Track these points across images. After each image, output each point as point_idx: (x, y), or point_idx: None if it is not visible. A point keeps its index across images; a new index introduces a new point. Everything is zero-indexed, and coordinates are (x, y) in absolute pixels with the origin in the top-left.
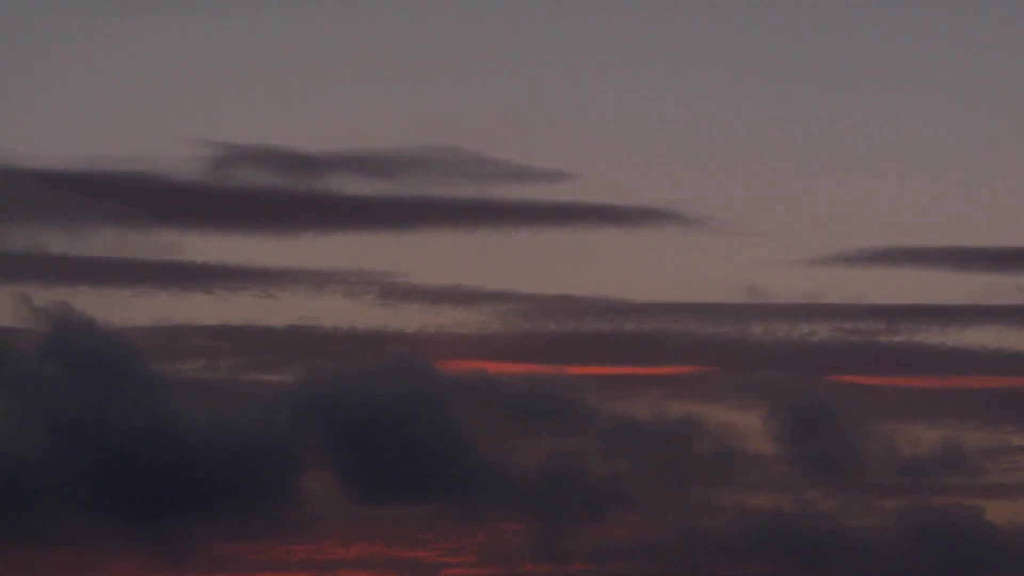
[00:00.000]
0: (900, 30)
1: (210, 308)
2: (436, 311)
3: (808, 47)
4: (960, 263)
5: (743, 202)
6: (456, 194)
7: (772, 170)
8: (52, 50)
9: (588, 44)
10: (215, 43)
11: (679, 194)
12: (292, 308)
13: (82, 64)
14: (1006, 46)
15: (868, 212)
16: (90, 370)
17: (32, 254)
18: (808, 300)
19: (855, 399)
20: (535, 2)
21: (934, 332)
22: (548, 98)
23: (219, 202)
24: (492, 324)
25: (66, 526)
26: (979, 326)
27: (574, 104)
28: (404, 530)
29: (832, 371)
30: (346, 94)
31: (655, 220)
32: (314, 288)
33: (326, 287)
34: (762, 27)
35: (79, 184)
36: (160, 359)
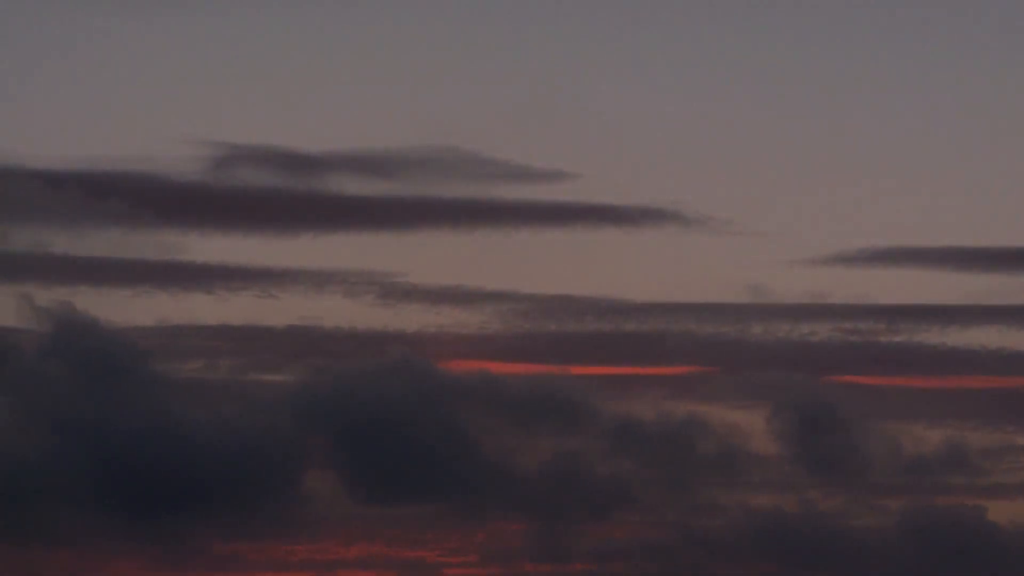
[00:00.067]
0: (900, 30)
1: (210, 308)
2: (436, 311)
3: (808, 47)
4: (960, 263)
5: (743, 202)
6: (456, 194)
7: (772, 170)
8: (53, 50)
9: (588, 44)
10: (215, 43)
11: (679, 194)
12: (292, 308)
13: (83, 64)
14: (1006, 46)
15: (868, 212)
16: (92, 370)
17: (34, 254)
18: (808, 300)
19: (855, 399)
20: (535, 2)
21: (934, 332)
22: (548, 98)
23: (219, 202)
24: (492, 324)
25: (66, 526)
26: (979, 326)
27: (574, 104)
28: (404, 530)
29: (832, 371)
30: (346, 94)
31: (655, 220)
32: (314, 288)
33: (326, 287)
34: (762, 27)
35: (80, 184)
36: (161, 359)
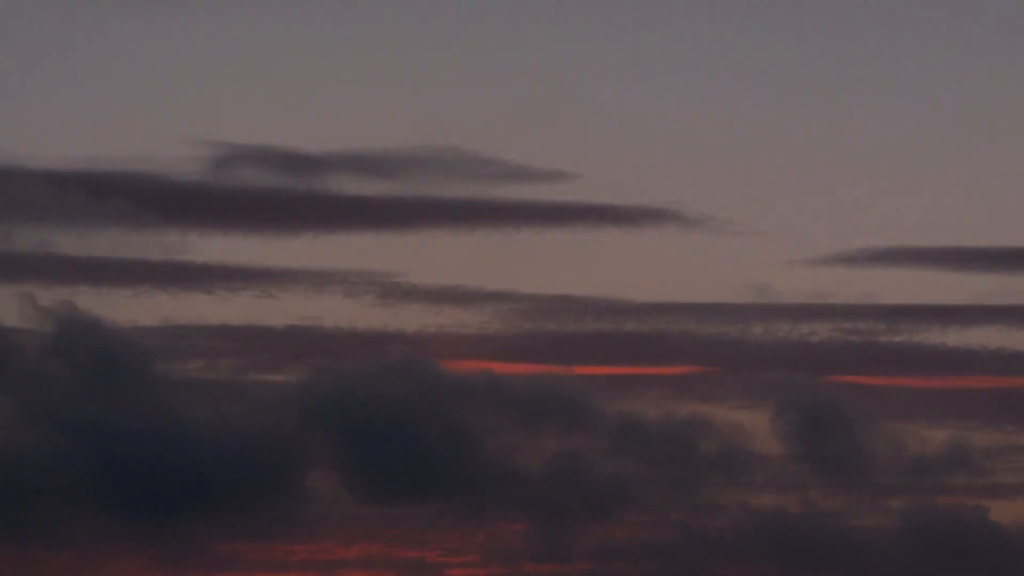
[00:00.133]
0: (900, 30)
1: (210, 308)
2: (436, 311)
3: (808, 47)
4: (960, 263)
5: (743, 202)
6: (456, 194)
7: (772, 170)
8: (54, 50)
9: (588, 44)
10: (215, 43)
11: (679, 194)
12: (292, 308)
13: (84, 64)
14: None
15: (868, 212)
16: (93, 370)
17: (35, 254)
18: (809, 300)
19: (856, 399)
20: (535, 2)
21: (935, 332)
22: (548, 98)
23: (220, 202)
24: (492, 324)
25: (67, 526)
26: (980, 326)
27: (574, 104)
28: (405, 530)
29: (833, 371)
30: (346, 94)
31: (655, 220)
32: (314, 288)
33: (326, 287)
34: (762, 27)
35: (81, 184)
36: (161, 359)
